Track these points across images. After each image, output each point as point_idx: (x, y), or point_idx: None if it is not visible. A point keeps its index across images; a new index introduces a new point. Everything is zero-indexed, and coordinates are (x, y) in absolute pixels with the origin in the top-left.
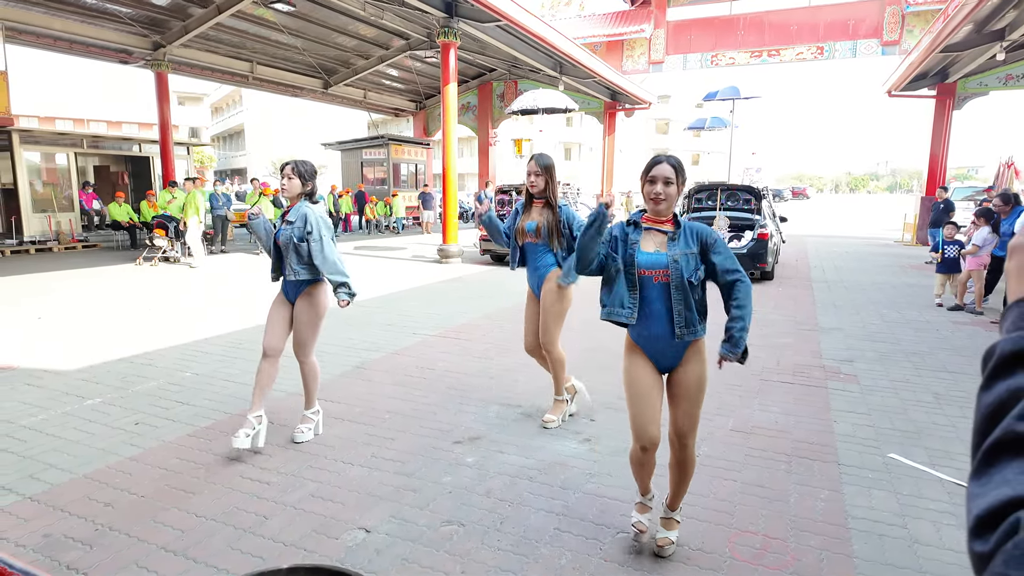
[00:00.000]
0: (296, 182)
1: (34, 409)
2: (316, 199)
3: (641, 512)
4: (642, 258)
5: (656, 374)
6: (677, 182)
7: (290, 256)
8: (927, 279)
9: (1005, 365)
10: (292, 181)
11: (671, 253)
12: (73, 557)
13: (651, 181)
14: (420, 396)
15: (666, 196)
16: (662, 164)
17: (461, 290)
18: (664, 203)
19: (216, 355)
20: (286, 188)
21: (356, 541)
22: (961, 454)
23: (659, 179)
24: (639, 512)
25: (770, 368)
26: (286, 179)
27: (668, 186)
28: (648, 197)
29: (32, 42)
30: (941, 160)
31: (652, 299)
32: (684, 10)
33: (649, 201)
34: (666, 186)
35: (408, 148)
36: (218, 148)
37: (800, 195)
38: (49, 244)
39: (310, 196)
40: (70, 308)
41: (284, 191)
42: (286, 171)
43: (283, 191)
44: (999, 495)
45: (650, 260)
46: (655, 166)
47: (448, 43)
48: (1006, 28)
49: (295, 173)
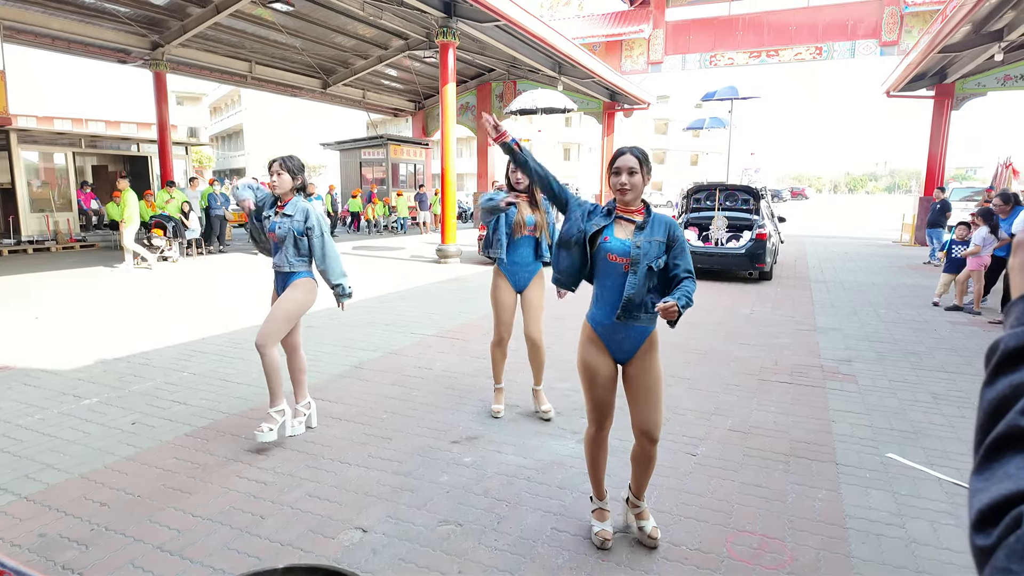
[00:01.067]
0: (286, 177)
1: (31, 409)
2: (313, 196)
3: (601, 520)
4: (613, 244)
5: (612, 363)
6: (642, 172)
7: (288, 248)
8: (925, 279)
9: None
10: (282, 177)
11: (635, 240)
12: (69, 557)
13: (616, 172)
14: (418, 396)
15: (631, 186)
16: (625, 155)
17: (460, 290)
18: (630, 193)
19: (213, 354)
20: (277, 184)
21: (353, 541)
22: (959, 454)
23: (623, 170)
24: (599, 520)
25: (768, 368)
26: (275, 175)
27: (632, 176)
28: (615, 188)
29: (30, 41)
30: (939, 160)
31: (615, 286)
32: (683, 10)
33: (616, 192)
34: (631, 176)
35: (407, 148)
36: (217, 148)
37: (799, 195)
38: (47, 244)
39: (303, 190)
40: (67, 308)
41: (275, 187)
42: (275, 167)
43: (274, 187)
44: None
45: (619, 247)
46: (619, 157)
47: (447, 43)
48: (1004, 29)
49: (284, 168)
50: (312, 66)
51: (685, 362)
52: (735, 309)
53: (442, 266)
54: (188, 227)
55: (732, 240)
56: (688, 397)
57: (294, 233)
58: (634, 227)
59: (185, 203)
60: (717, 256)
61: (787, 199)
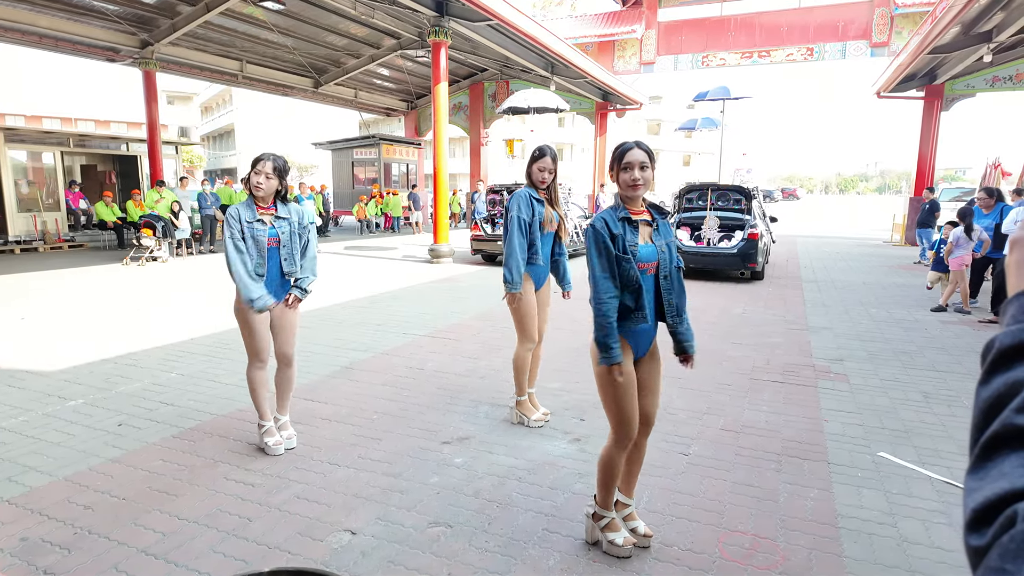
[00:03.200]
0: (274, 182)
1: (14, 411)
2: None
3: (616, 530)
4: (642, 252)
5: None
6: (651, 166)
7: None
8: (916, 279)
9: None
10: (271, 181)
11: (657, 244)
12: (51, 561)
13: (626, 168)
14: (409, 396)
15: (644, 181)
16: (634, 150)
17: (452, 290)
18: (642, 188)
19: (201, 355)
20: (263, 186)
21: (341, 543)
22: (950, 452)
23: (635, 165)
24: (613, 531)
25: (760, 367)
26: (264, 177)
27: (644, 171)
28: (626, 184)
29: (17, 39)
30: (929, 161)
31: (649, 289)
32: (675, 11)
33: (628, 188)
34: (642, 171)
35: (399, 148)
36: (208, 148)
37: (790, 196)
38: (35, 244)
39: (283, 195)
40: (54, 308)
41: (259, 188)
42: (266, 170)
43: (258, 188)
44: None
45: (647, 254)
46: (627, 152)
47: (439, 42)
48: (993, 30)
49: (276, 173)
50: (304, 65)
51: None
52: (727, 309)
53: (435, 266)
54: (178, 227)
55: (724, 240)
56: (680, 396)
57: (296, 233)
58: (650, 229)
59: (175, 203)
60: (709, 256)
61: (779, 199)
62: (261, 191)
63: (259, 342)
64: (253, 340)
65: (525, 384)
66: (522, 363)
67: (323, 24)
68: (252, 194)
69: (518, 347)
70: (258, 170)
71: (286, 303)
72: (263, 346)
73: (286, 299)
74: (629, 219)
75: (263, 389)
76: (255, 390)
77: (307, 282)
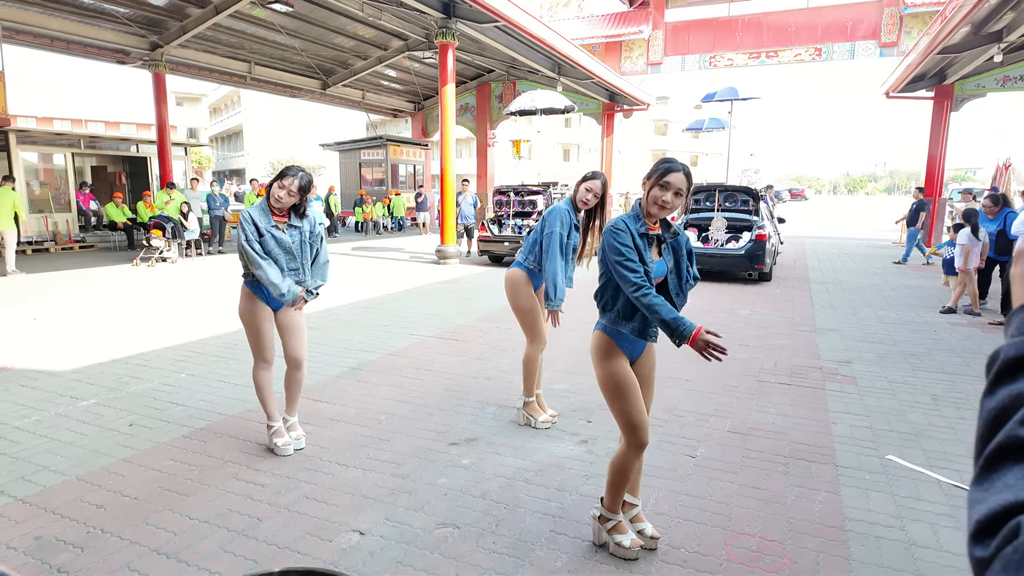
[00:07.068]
0: (295, 200)
1: (27, 410)
2: (312, 198)
3: (623, 532)
4: (654, 269)
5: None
6: (686, 195)
7: (306, 257)
8: (924, 280)
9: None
10: (292, 198)
11: (666, 259)
12: (64, 560)
13: (663, 187)
14: (416, 398)
15: (673, 207)
16: (678, 173)
17: (459, 291)
18: (667, 212)
19: (211, 356)
20: (282, 200)
21: (350, 544)
22: (959, 456)
23: (671, 187)
24: (620, 533)
25: (768, 369)
26: (287, 193)
27: (678, 197)
28: (655, 202)
29: (29, 42)
30: (939, 161)
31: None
32: (682, 11)
33: (654, 206)
34: (676, 197)
35: (406, 149)
36: (216, 149)
37: (798, 196)
38: (46, 244)
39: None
40: (65, 309)
41: (279, 200)
42: (291, 187)
43: (278, 200)
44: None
45: (657, 269)
46: (670, 172)
47: (446, 44)
48: (1004, 30)
49: (299, 192)
50: (311, 67)
51: (683, 363)
52: (734, 310)
53: (441, 267)
54: (187, 228)
55: (731, 241)
56: (687, 398)
57: (310, 238)
58: (660, 244)
59: (184, 204)
60: (716, 257)
61: (786, 200)
62: (280, 204)
63: (263, 343)
64: (257, 341)
65: (534, 385)
66: (532, 364)
67: (331, 26)
68: (270, 203)
69: (528, 348)
70: (283, 184)
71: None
72: (267, 347)
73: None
74: (646, 234)
75: (269, 389)
76: (262, 391)
77: (315, 285)
